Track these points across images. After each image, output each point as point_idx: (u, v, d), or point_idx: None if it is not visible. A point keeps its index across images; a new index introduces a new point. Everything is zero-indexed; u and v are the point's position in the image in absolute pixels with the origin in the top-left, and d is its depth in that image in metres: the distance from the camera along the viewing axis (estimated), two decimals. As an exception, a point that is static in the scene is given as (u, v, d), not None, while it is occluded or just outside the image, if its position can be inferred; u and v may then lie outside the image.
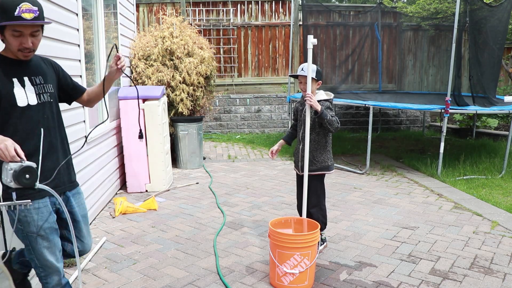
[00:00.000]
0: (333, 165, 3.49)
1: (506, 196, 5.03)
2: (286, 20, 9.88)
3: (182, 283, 3.01)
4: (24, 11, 1.96)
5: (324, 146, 3.40)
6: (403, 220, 4.26)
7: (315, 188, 3.42)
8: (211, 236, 3.86)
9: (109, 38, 5.21)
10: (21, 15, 1.95)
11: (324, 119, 3.17)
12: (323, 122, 3.20)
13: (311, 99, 3.12)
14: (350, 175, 6.09)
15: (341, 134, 9.21)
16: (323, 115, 3.15)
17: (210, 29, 9.65)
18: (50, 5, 3.25)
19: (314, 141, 3.36)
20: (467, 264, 3.30)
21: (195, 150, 6.42)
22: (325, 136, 3.39)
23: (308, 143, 3.21)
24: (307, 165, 3.25)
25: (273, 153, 3.61)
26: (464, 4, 6.08)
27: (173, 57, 6.45)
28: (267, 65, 10.01)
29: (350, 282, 3.03)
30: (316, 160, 3.38)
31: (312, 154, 3.36)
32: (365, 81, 10.25)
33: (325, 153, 3.41)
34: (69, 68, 3.62)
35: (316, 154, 3.38)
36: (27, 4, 1.97)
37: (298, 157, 3.48)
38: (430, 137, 9.02)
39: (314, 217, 3.41)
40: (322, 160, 3.39)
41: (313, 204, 3.43)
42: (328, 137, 3.42)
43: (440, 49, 10.38)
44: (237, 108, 9.41)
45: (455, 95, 5.80)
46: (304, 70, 3.23)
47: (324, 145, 3.40)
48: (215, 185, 5.56)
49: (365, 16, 9.66)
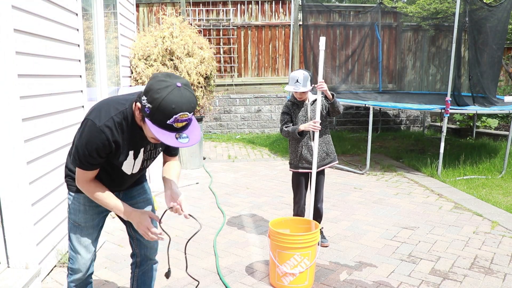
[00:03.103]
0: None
1: (506, 196, 5.03)
2: (286, 20, 9.88)
3: (182, 283, 3.01)
4: (179, 121, 1.70)
5: (330, 139, 3.63)
6: (403, 220, 4.25)
7: (322, 183, 3.59)
8: (211, 236, 3.86)
9: (109, 38, 5.21)
10: (174, 124, 1.70)
11: (336, 102, 3.37)
12: (335, 106, 3.37)
13: (323, 86, 3.25)
14: (350, 175, 6.09)
15: (341, 134, 9.21)
16: (335, 99, 3.35)
17: (210, 29, 9.65)
18: (50, 5, 3.25)
19: (324, 133, 3.54)
20: (467, 264, 3.29)
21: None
22: (327, 129, 3.60)
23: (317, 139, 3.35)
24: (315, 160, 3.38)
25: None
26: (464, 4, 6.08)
27: (173, 57, 6.45)
28: (267, 65, 10.00)
29: (350, 282, 3.02)
30: (330, 153, 3.59)
31: (326, 148, 3.56)
32: (365, 81, 10.25)
33: (332, 145, 3.64)
34: (69, 68, 3.62)
35: (328, 147, 3.59)
36: (185, 114, 1.70)
37: (311, 155, 3.45)
38: (430, 137, 9.02)
39: (320, 211, 3.59)
40: (332, 151, 3.62)
41: (321, 199, 3.60)
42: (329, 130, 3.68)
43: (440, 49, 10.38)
44: (237, 108, 9.41)
45: (455, 95, 5.80)
46: (300, 81, 3.33)
47: (330, 138, 3.63)
48: (215, 185, 5.55)
49: (365, 16, 9.65)
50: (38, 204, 2.93)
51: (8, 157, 2.64)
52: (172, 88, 1.68)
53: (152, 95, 1.68)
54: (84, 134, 1.87)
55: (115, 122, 1.87)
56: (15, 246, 2.73)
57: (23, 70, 2.75)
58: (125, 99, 1.94)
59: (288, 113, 3.53)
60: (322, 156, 3.51)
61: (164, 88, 1.67)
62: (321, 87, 3.26)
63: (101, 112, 1.88)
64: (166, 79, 1.71)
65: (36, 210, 2.88)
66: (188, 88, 1.73)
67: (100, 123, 1.84)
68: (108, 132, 1.85)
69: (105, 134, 1.84)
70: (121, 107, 1.89)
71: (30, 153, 2.81)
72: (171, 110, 1.67)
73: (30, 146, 2.81)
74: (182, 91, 1.69)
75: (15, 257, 2.74)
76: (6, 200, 2.68)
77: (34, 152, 2.88)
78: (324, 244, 3.62)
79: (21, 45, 2.73)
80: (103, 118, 1.85)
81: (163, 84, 1.68)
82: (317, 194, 3.54)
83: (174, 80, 1.71)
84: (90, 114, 1.89)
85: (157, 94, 1.67)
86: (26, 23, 2.82)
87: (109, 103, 1.93)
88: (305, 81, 3.31)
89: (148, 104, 1.70)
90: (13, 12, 2.63)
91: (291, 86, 3.35)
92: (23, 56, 2.76)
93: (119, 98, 1.97)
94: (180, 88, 1.69)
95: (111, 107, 1.90)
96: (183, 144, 1.73)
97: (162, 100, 1.66)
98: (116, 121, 1.87)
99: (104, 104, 1.93)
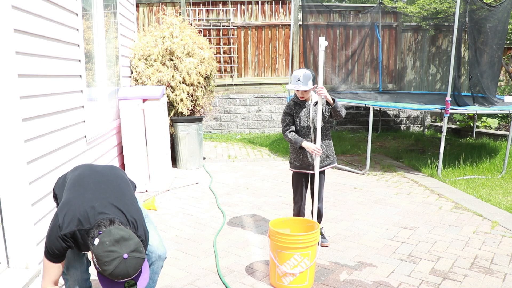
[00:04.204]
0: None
1: (506, 196, 5.03)
2: (286, 20, 9.88)
3: (182, 283, 3.01)
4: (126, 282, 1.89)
5: (331, 141, 3.62)
6: (403, 220, 4.26)
7: (322, 183, 3.61)
8: (211, 236, 3.86)
9: (109, 38, 5.21)
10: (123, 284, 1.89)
11: (338, 107, 3.36)
12: (336, 110, 3.36)
13: (322, 92, 3.26)
14: (350, 175, 6.09)
15: (341, 134, 9.21)
16: (336, 103, 3.34)
17: (210, 29, 9.65)
18: (50, 5, 3.25)
19: (325, 136, 3.54)
20: (467, 264, 3.29)
21: (195, 150, 6.42)
22: (329, 131, 3.61)
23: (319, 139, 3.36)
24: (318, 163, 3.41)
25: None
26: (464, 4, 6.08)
27: (173, 57, 6.45)
28: (267, 65, 10.01)
29: (350, 282, 3.02)
30: (330, 155, 3.59)
31: (327, 150, 3.55)
32: (365, 81, 10.25)
33: (332, 147, 3.64)
34: (69, 68, 3.62)
35: (329, 149, 3.58)
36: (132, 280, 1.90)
37: (312, 157, 3.47)
38: (430, 137, 9.02)
39: (321, 211, 3.61)
40: (332, 153, 3.62)
41: (321, 199, 3.61)
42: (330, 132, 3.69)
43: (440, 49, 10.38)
44: (237, 108, 9.41)
45: (455, 95, 5.79)
46: (301, 80, 3.33)
47: (331, 141, 3.62)
48: (215, 185, 5.55)
49: (365, 16, 9.66)
50: (38, 204, 2.93)
51: (8, 157, 2.64)
52: (119, 262, 1.82)
53: (101, 265, 1.84)
54: (48, 231, 2.07)
55: (74, 236, 2.04)
56: (15, 246, 2.73)
57: (23, 70, 2.75)
58: (94, 216, 2.05)
59: (290, 114, 3.52)
60: (322, 157, 3.51)
61: (111, 260, 1.82)
62: (321, 93, 3.26)
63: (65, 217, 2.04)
64: (114, 250, 1.83)
65: (36, 210, 2.87)
66: (135, 255, 1.86)
67: (61, 232, 2.02)
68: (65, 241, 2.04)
69: (64, 242, 2.04)
70: (86, 225, 2.03)
71: (30, 153, 2.81)
72: (119, 278, 1.85)
73: (30, 146, 2.81)
74: (128, 262, 1.84)
75: (15, 257, 2.74)
76: (6, 200, 2.68)
77: (34, 152, 2.88)
78: (324, 244, 3.62)
79: (21, 45, 2.73)
80: (66, 226, 2.03)
81: (111, 255, 1.82)
82: (318, 194, 3.55)
83: (122, 250, 1.84)
84: (60, 210, 2.08)
85: (104, 266, 1.82)
86: (26, 23, 2.82)
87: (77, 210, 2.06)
88: (306, 79, 3.31)
89: (98, 267, 1.86)
90: (13, 12, 2.63)
91: (293, 84, 3.36)
92: (23, 56, 2.76)
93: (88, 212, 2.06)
94: (126, 260, 1.83)
95: (76, 218, 2.04)
96: None
97: (110, 272, 1.83)
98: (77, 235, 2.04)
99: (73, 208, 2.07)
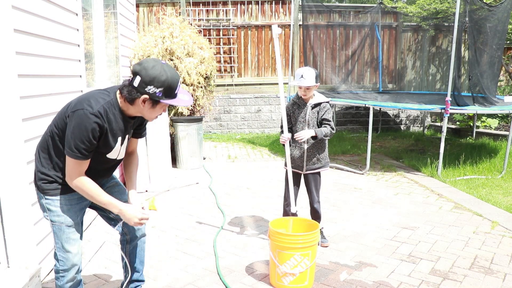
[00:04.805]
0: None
1: (506, 196, 5.03)
2: (286, 20, 9.88)
3: (182, 283, 3.01)
4: (179, 86, 2.11)
5: (324, 145, 3.61)
6: (403, 220, 4.25)
7: (314, 184, 3.60)
8: (211, 236, 3.86)
9: (109, 38, 5.21)
10: (177, 90, 2.10)
11: (323, 138, 3.44)
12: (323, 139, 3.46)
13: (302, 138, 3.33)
14: (350, 175, 6.09)
15: (341, 134, 9.20)
16: (319, 136, 3.38)
17: (210, 29, 9.65)
18: (50, 5, 3.25)
19: (317, 142, 3.52)
20: (467, 264, 3.29)
21: (195, 150, 6.42)
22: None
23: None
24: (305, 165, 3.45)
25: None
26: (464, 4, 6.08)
27: (173, 57, 6.45)
28: (267, 65, 10.01)
29: (350, 282, 3.02)
30: (321, 158, 3.57)
31: (317, 154, 3.54)
32: (365, 81, 10.25)
33: (326, 151, 3.62)
34: (69, 68, 3.62)
35: (320, 152, 3.56)
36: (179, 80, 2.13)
37: (302, 159, 3.54)
38: (430, 137, 9.02)
39: (318, 212, 3.62)
40: (324, 157, 3.60)
41: (317, 200, 3.62)
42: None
43: (440, 49, 10.38)
44: (237, 108, 9.41)
45: (455, 95, 5.80)
46: (304, 77, 3.33)
47: (324, 145, 3.61)
48: (215, 185, 5.55)
49: (365, 16, 9.66)
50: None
51: (8, 157, 2.64)
52: (166, 67, 2.05)
53: (159, 79, 2.01)
54: (78, 124, 2.01)
55: (105, 109, 2.07)
56: (15, 246, 2.73)
57: (23, 70, 2.75)
58: (107, 91, 2.16)
59: (287, 114, 3.54)
60: (312, 160, 3.53)
61: (162, 71, 2.02)
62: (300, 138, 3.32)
63: (90, 101, 2.05)
64: (155, 65, 2.03)
65: (36, 210, 2.87)
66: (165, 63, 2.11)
67: (94, 110, 2.02)
68: (100, 118, 2.04)
69: (99, 119, 2.03)
70: (107, 98, 2.11)
71: (30, 153, 2.81)
72: (176, 81, 2.07)
73: (30, 146, 2.81)
74: (168, 64, 2.09)
75: (15, 257, 2.74)
76: (6, 200, 2.68)
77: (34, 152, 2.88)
78: (324, 244, 3.62)
79: (21, 45, 2.73)
80: (94, 106, 2.03)
81: (159, 68, 2.02)
82: (311, 195, 3.61)
83: (158, 62, 2.06)
84: (78, 105, 2.04)
85: (162, 77, 2.02)
86: (26, 23, 2.82)
87: (94, 94, 2.12)
88: (309, 76, 3.31)
89: (158, 89, 2.03)
90: (13, 12, 2.63)
91: (296, 81, 3.37)
92: (23, 56, 2.76)
93: (100, 91, 2.14)
94: (166, 63, 2.08)
95: (99, 97, 2.09)
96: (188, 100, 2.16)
97: (168, 78, 2.03)
98: (106, 109, 2.07)
99: (90, 96, 2.10)
